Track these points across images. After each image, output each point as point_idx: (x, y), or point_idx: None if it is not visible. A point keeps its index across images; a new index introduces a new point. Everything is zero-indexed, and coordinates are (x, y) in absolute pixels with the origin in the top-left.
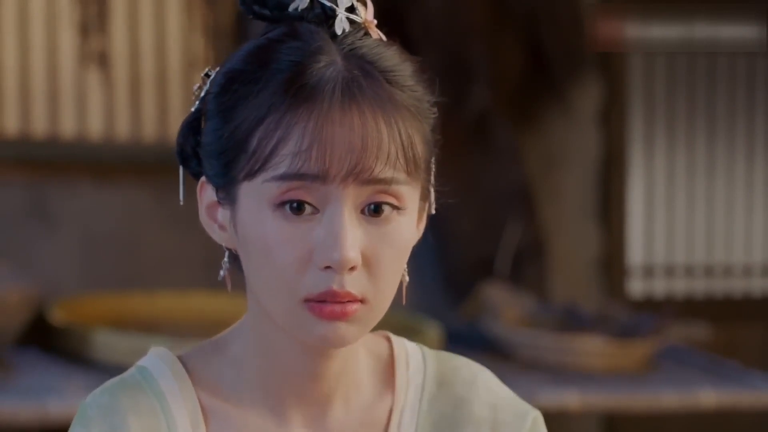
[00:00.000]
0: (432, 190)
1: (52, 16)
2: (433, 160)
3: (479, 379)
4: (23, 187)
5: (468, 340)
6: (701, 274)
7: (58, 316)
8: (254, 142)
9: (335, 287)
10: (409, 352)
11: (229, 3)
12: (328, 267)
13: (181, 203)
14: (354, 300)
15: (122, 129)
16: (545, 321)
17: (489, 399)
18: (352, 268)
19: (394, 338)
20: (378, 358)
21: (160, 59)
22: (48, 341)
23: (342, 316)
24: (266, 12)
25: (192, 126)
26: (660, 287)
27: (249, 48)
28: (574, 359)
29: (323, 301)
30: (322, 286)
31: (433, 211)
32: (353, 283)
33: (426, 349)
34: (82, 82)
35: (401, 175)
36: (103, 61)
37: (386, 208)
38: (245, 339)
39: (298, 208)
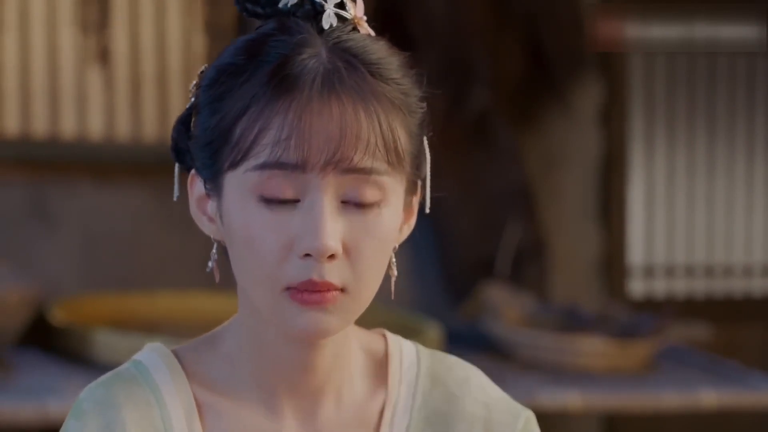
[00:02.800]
0: (426, 187)
1: (53, 15)
2: (426, 156)
3: (473, 378)
4: (23, 187)
5: (468, 340)
6: (701, 275)
7: (58, 316)
8: (237, 132)
9: (315, 277)
10: (404, 349)
11: (230, 2)
12: (307, 255)
13: (175, 199)
14: (334, 288)
15: (123, 129)
16: (545, 321)
17: (482, 398)
18: (332, 257)
19: (390, 336)
20: (372, 354)
21: (160, 59)
22: (48, 341)
23: (322, 302)
24: (258, 9)
25: (185, 121)
26: (660, 287)
27: (239, 42)
28: (575, 359)
29: (304, 290)
30: (303, 276)
31: (428, 211)
32: (333, 273)
33: (421, 347)
34: (82, 81)
35: (382, 166)
36: (103, 60)
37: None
38: (237, 333)
39: None
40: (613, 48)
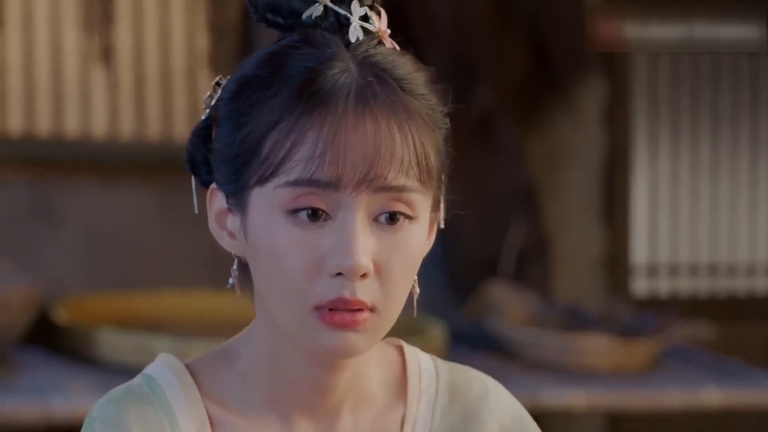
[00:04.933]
0: (442, 202)
1: (57, 15)
2: (444, 172)
3: (491, 393)
4: (27, 187)
5: (472, 339)
6: (705, 273)
7: (62, 315)
8: (267, 147)
9: (347, 295)
10: (422, 363)
11: (234, 1)
12: (339, 274)
13: (196, 212)
14: (364, 308)
15: (126, 128)
16: (549, 320)
17: (499, 414)
18: (364, 276)
19: (407, 348)
20: (390, 369)
21: (164, 58)
22: (52, 341)
23: (352, 325)
24: (280, 20)
25: (202, 134)
26: (664, 286)
27: (261, 55)
28: (578, 358)
29: (334, 309)
30: (333, 294)
31: (443, 225)
32: (364, 291)
33: (438, 360)
34: (86, 81)
35: (414, 183)
36: (107, 60)
37: (400, 217)
38: (254, 350)
39: (313, 214)
40: (616, 48)
